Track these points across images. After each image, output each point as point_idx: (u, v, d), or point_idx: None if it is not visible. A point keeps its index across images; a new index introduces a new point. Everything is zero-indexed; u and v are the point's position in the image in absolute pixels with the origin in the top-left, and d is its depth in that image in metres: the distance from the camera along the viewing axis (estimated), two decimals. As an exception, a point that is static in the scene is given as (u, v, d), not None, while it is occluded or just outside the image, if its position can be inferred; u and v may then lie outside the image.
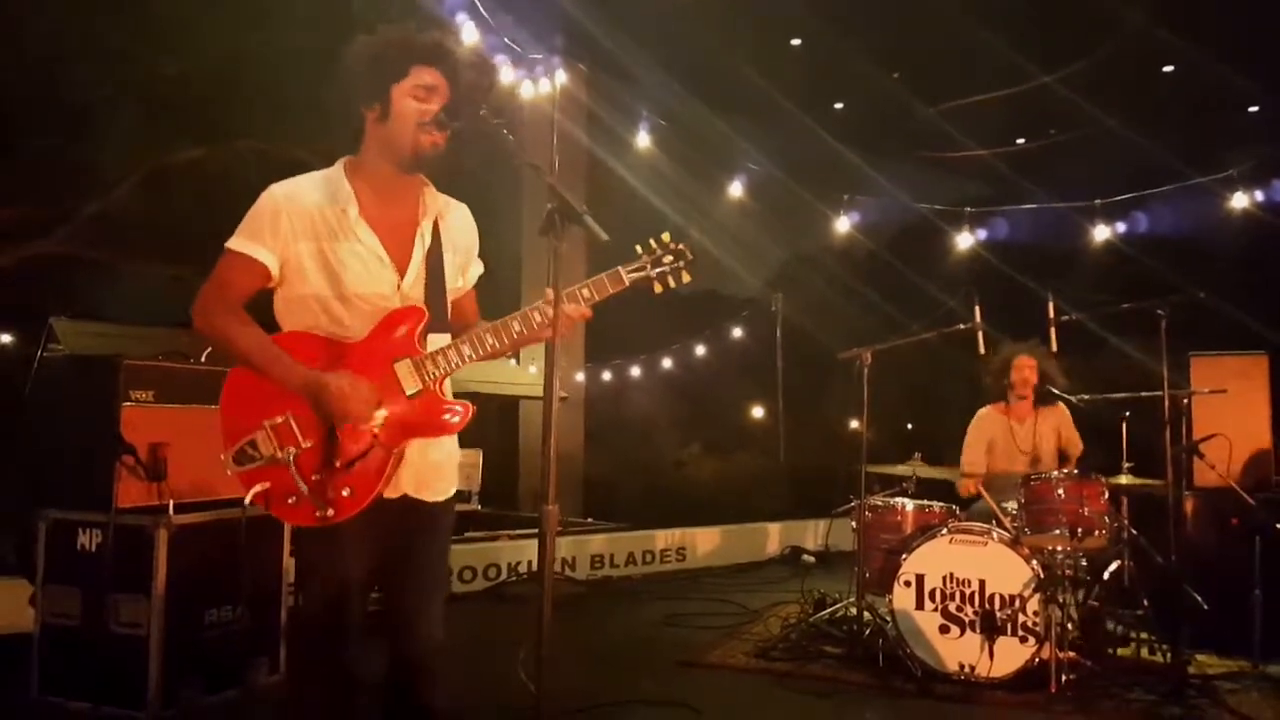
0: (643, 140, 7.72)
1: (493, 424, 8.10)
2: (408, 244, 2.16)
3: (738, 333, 9.38)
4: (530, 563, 5.91)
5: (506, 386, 7.40)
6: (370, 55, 2.10)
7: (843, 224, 8.60)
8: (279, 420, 2.05)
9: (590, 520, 7.41)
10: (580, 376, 8.45)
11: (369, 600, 2.12)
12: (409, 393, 2.09)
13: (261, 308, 2.18)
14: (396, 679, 2.14)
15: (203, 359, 3.81)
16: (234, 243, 2.10)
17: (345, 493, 2.03)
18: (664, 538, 6.84)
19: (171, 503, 3.51)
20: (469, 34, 6.26)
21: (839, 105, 9.15)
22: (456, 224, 2.28)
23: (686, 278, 2.20)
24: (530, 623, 1.91)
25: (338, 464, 2.04)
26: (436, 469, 2.19)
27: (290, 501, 2.04)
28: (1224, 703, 3.73)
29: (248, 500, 2.06)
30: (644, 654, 4.57)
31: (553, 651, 1.92)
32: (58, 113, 7.38)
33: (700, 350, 9.46)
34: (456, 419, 2.13)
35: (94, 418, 3.50)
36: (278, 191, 2.11)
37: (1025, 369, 4.87)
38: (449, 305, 2.23)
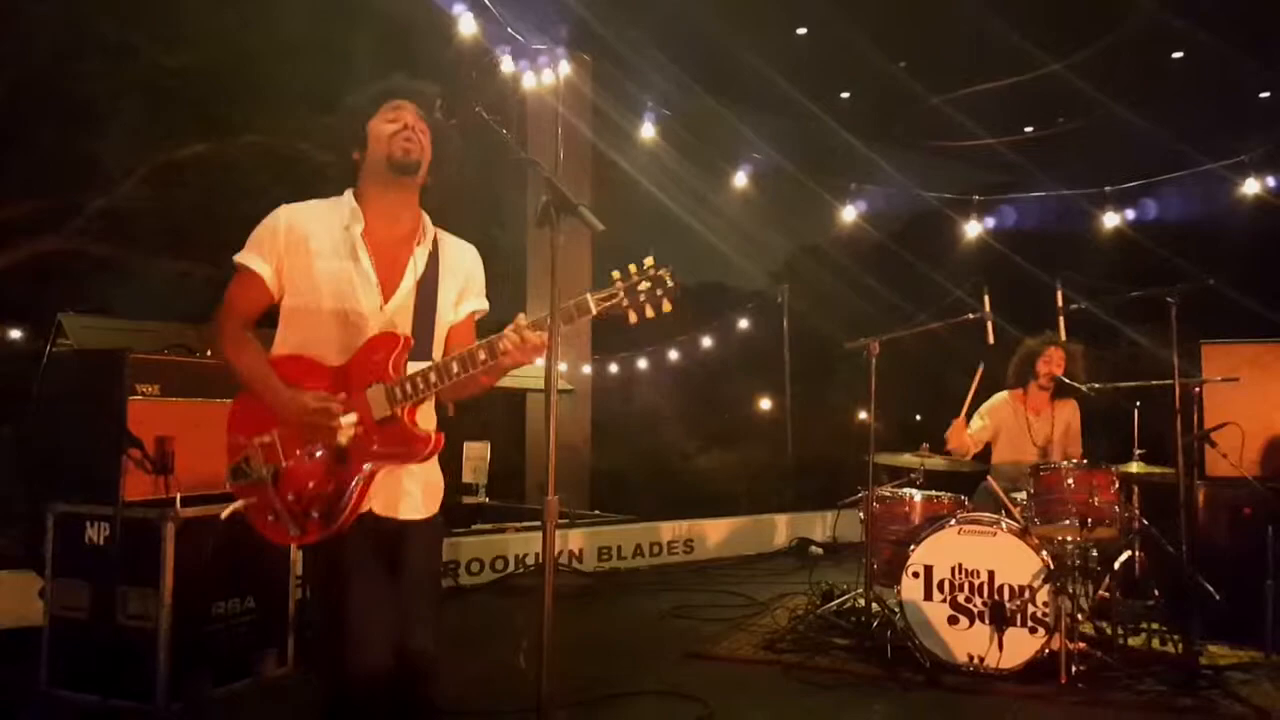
0: (647, 131, 7.69)
1: (500, 417, 8.11)
2: (399, 269, 2.20)
3: (744, 324, 9.36)
4: (537, 555, 5.91)
5: (513, 379, 7.37)
6: (347, 114, 2.25)
7: (849, 214, 8.56)
8: (266, 439, 2.14)
9: (598, 512, 7.41)
10: (587, 369, 8.44)
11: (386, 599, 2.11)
12: (377, 418, 2.11)
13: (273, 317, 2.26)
14: (394, 683, 2.15)
15: (208, 353, 3.82)
16: (239, 255, 2.20)
17: (315, 514, 2.08)
18: (671, 529, 6.83)
19: (178, 496, 3.52)
20: (468, 25, 6.23)
21: (845, 95, 9.10)
22: (456, 259, 2.32)
23: (667, 306, 2.09)
24: (537, 614, 1.90)
25: (311, 485, 2.09)
26: (408, 495, 2.20)
27: (270, 519, 2.13)
28: (1236, 693, 3.69)
29: (223, 515, 2.17)
30: (651, 645, 4.56)
31: (559, 642, 1.92)
32: (63, 108, 7.40)
33: (707, 342, 9.44)
34: (422, 447, 2.13)
35: (101, 412, 3.51)
36: (283, 208, 2.22)
37: (1054, 361, 4.82)
38: (437, 335, 2.24)
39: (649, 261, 2.10)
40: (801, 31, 8.14)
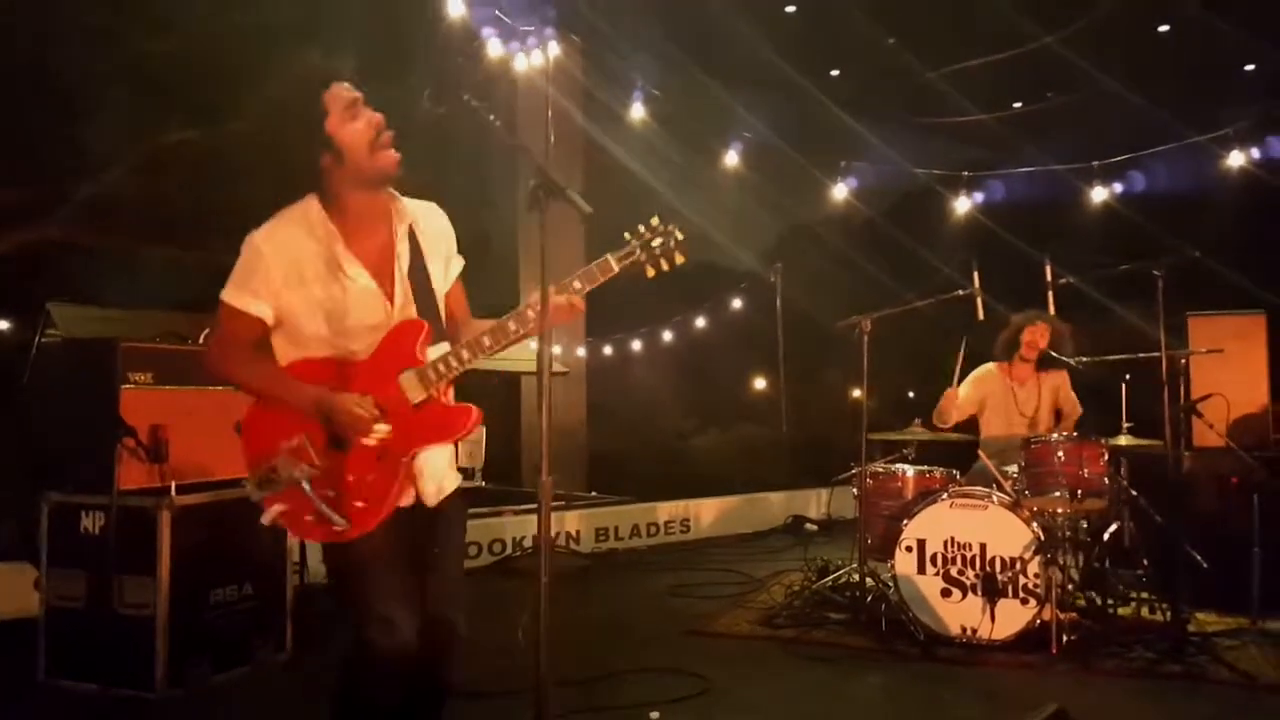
0: (637, 111, 7.65)
1: (496, 400, 8.11)
2: (389, 267, 2.18)
3: (738, 304, 9.36)
4: (535, 537, 5.93)
5: (508, 363, 7.38)
6: (288, 115, 2.12)
7: (840, 191, 8.55)
8: (294, 442, 2.10)
9: (594, 494, 7.45)
10: (581, 351, 8.44)
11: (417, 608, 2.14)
12: (414, 402, 2.12)
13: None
14: (420, 660, 2.16)
15: (201, 340, 3.81)
16: (227, 295, 2.12)
17: (359, 505, 2.08)
18: (668, 509, 6.87)
19: (173, 484, 3.52)
20: (456, 7, 6.17)
21: (835, 72, 9.05)
22: (431, 228, 2.29)
23: (680, 259, 2.20)
24: (535, 596, 1.92)
25: (351, 479, 2.09)
26: (447, 465, 2.24)
27: (308, 519, 2.10)
28: (1223, 659, 3.76)
29: (266, 522, 2.11)
30: (650, 624, 4.61)
31: (558, 622, 1.94)
32: (48, 94, 7.32)
33: (701, 323, 9.44)
34: (466, 423, 2.17)
35: (94, 401, 3.51)
36: (258, 239, 2.12)
37: (1037, 335, 4.85)
38: (441, 311, 2.25)
39: (654, 220, 2.19)
40: (791, 9, 8.09)
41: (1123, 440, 4.29)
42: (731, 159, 8.41)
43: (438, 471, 2.20)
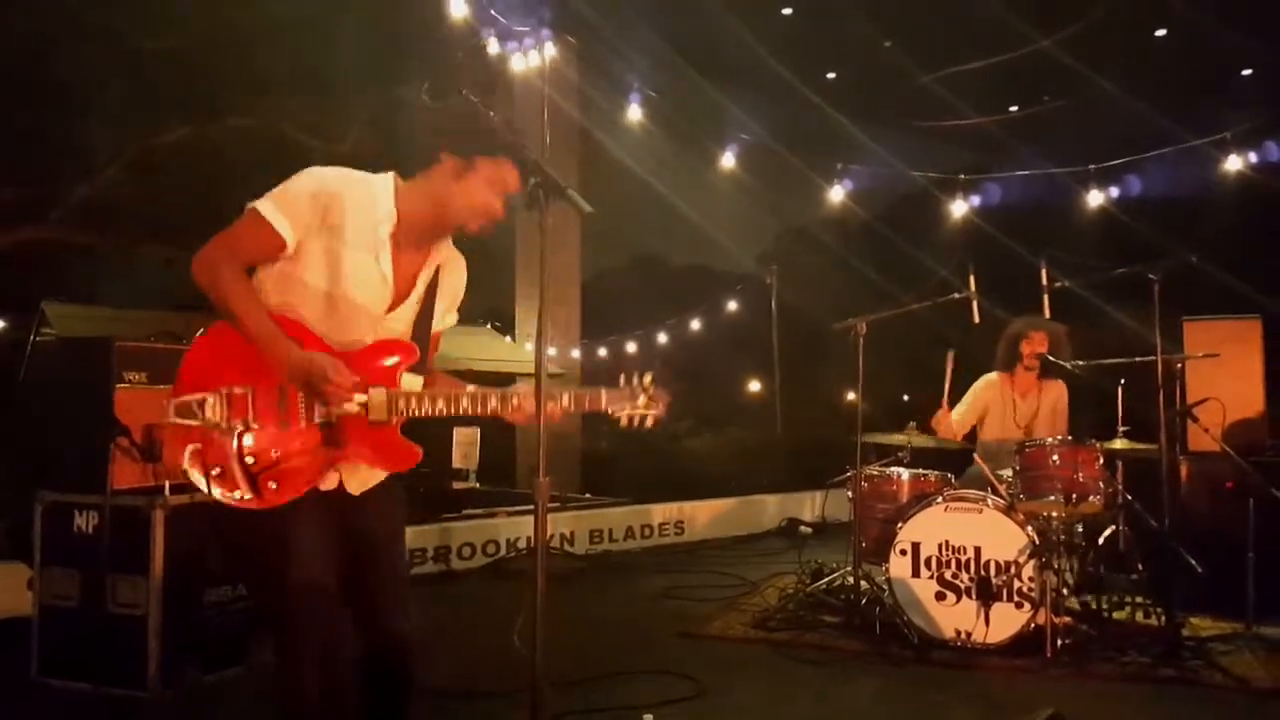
0: (634, 113, 7.65)
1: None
2: (411, 279, 2.19)
3: (733, 306, 9.37)
4: (529, 538, 5.93)
5: (502, 364, 7.39)
6: (473, 115, 2.12)
7: (836, 194, 8.56)
8: (238, 390, 2.00)
9: (588, 495, 7.44)
10: (576, 353, 8.44)
11: (337, 578, 2.07)
12: (371, 419, 2.08)
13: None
14: (370, 660, 2.15)
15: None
16: (263, 206, 2.04)
17: (271, 485, 2.00)
18: (662, 512, 6.86)
19: (167, 483, 3.50)
20: (457, 7, 6.17)
21: (831, 75, 9.07)
22: (453, 276, 2.31)
23: (650, 424, 2.26)
24: (530, 596, 1.91)
25: (275, 455, 2.01)
26: (368, 471, 2.17)
27: (214, 472, 1.99)
28: (1217, 664, 3.76)
29: (182, 463, 2.00)
30: (644, 626, 4.60)
31: (552, 624, 1.93)
32: (44, 92, 7.30)
33: (696, 324, 9.45)
34: (408, 463, 2.14)
35: (88, 400, 3.49)
36: (322, 175, 2.09)
37: (1036, 344, 4.84)
38: (426, 347, 2.24)
39: (648, 379, 2.25)
40: (787, 11, 8.11)
41: (1118, 444, 4.29)
42: (728, 161, 8.42)
43: (362, 478, 2.15)
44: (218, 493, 2.01)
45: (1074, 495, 3.97)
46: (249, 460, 1.99)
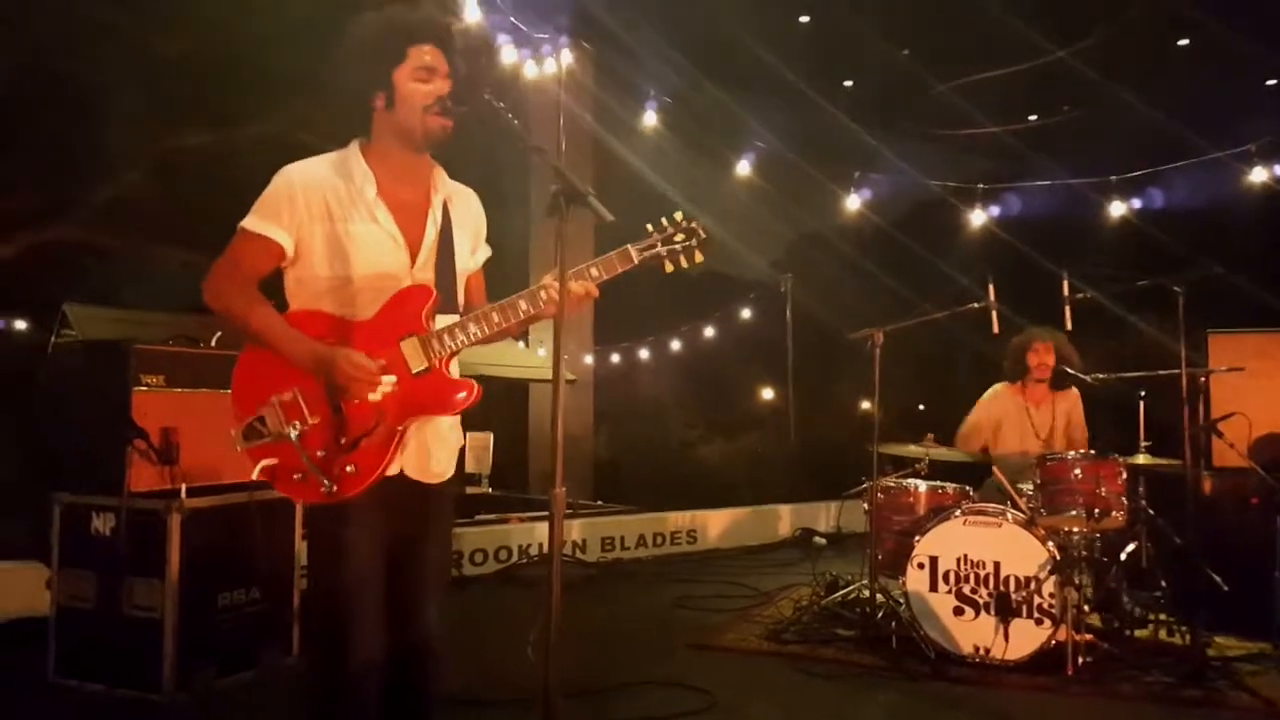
0: (650, 120, 7.65)
1: (503, 407, 8.10)
2: (420, 225, 2.17)
3: (747, 314, 9.34)
4: (541, 545, 5.91)
5: (516, 370, 7.39)
6: (366, 42, 2.12)
7: (853, 202, 8.52)
8: (287, 396, 2.05)
9: (601, 502, 7.41)
10: (589, 359, 8.43)
11: (382, 582, 2.11)
12: (415, 370, 2.09)
13: (273, 289, 2.18)
14: (397, 660, 2.14)
15: (213, 343, 3.81)
16: (249, 222, 2.10)
17: (350, 469, 2.03)
18: (675, 520, 6.83)
19: (184, 486, 3.51)
20: (472, 12, 6.19)
21: (849, 83, 9.04)
22: (465, 208, 2.29)
23: (699, 257, 2.18)
24: (541, 605, 1.90)
25: (343, 441, 2.04)
26: (441, 445, 2.20)
27: (296, 478, 2.05)
28: (1244, 685, 3.69)
29: (255, 475, 2.07)
30: (655, 636, 4.57)
31: (563, 633, 1.91)
32: (63, 98, 7.37)
33: (710, 332, 9.42)
34: (463, 397, 2.12)
35: (106, 402, 3.51)
36: (292, 172, 2.12)
37: (1043, 353, 4.81)
38: (459, 289, 2.22)
39: (679, 214, 2.18)
40: (804, 19, 8.09)
41: (1141, 459, 4.23)
42: (743, 168, 8.40)
43: (431, 448, 2.17)
44: (305, 496, 2.07)
45: (1096, 510, 3.92)
46: (320, 454, 2.03)
